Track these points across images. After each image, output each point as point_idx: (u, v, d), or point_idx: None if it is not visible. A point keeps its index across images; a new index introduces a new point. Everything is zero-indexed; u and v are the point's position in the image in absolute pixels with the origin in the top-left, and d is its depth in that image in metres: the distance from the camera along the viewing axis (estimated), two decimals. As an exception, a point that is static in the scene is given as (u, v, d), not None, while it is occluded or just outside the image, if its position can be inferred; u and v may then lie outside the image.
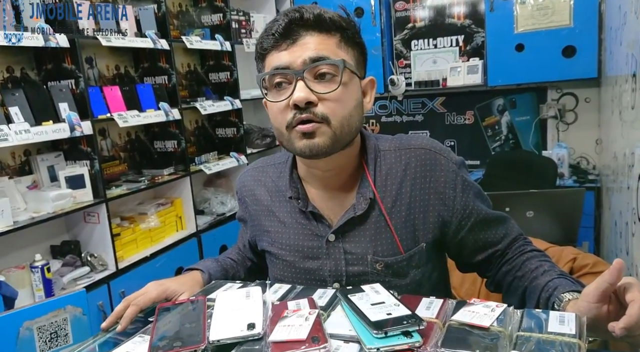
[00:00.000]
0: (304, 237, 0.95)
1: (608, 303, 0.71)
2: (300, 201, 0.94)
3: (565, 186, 2.90)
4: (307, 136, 0.83)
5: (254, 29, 3.26)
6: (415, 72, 3.46)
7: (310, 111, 0.82)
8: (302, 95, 0.81)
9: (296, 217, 0.95)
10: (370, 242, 0.91)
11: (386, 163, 0.93)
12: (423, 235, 0.92)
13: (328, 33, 0.84)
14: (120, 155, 2.65)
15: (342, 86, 0.83)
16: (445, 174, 0.92)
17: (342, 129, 0.84)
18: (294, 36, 0.83)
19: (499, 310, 0.71)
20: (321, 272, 0.94)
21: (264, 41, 0.85)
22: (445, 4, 3.34)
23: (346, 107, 0.85)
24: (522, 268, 0.90)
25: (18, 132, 1.82)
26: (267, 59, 0.86)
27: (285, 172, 0.98)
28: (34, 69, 2.21)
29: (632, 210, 1.61)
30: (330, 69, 0.83)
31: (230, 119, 3.12)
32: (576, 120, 3.20)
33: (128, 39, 2.33)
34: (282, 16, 0.84)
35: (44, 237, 2.21)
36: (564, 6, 2.85)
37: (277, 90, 0.85)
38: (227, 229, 2.90)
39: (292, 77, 0.82)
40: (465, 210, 0.92)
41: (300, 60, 0.82)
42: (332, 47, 0.84)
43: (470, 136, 3.49)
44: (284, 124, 0.85)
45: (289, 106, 0.83)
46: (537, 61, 2.94)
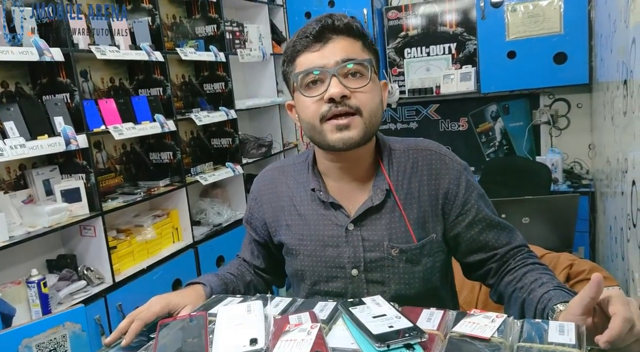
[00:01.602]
0: (324, 227, 1.01)
1: (593, 315, 0.72)
2: (322, 193, 1.01)
3: (560, 191, 2.92)
4: (341, 129, 0.92)
5: (248, 40, 3.28)
6: (409, 79, 3.49)
7: (345, 104, 0.91)
8: (338, 90, 0.90)
9: (317, 209, 1.03)
10: (386, 230, 0.98)
11: (397, 161, 1.02)
12: (433, 227, 0.99)
13: (354, 38, 0.95)
14: (116, 168, 2.64)
15: (371, 82, 0.94)
16: (450, 173, 1.00)
17: (370, 121, 0.94)
18: (325, 39, 0.93)
19: (499, 321, 0.71)
20: (340, 259, 1.00)
21: (296, 43, 0.95)
22: (437, 12, 3.37)
23: (374, 101, 0.95)
24: (522, 280, 0.93)
25: (13, 147, 1.81)
26: (299, 59, 0.95)
27: (306, 169, 1.06)
28: (29, 83, 2.20)
29: (627, 216, 1.63)
30: (359, 68, 0.93)
31: (225, 129, 3.13)
32: (569, 126, 3.23)
33: (123, 51, 2.33)
34: (315, 22, 0.94)
35: (39, 252, 2.19)
36: (554, 14, 2.89)
37: (310, 87, 0.94)
38: (223, 239, 2.89)
39: (326, 75, 0.92)
40: (465, 206, 0.99)
41: (333, 61, 0.91)
42: (358, 50, 0.95)
43: (465, 143, 3.52)
44: (317, 117, 0.93)
45: (323, 100, 0.91)
46: (528, 68, 2.98)
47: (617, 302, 0.69)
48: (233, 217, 3.04)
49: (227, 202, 3.15)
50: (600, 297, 0.70)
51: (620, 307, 0.68)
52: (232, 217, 3.03)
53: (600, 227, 2.64)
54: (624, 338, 0.65)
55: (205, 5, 3.03)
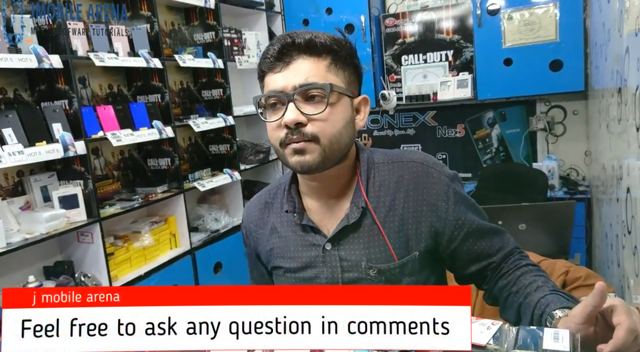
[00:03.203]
0: (302, 248, 1.00)
1: (595, 324, 0.72)
2: (297, 215, 0.99)
3: (556, 197, 2.93)
4: (298, 153, 0.89)
5: (246, 47, 3.30)
6: (406, 86, 3.51)
7: (300, 131, 0.88)
8: (292, 117, 0.87)
9: (295, 230, 1.01)
10: (364, 250, 0.95)
11: (380, 175, 0.98)
12: (416, 244, 0.96)
13: (319, 56, 0.90)
14: (114, 174, 2.65)
15: (330, 107, 0.88)
16: (437, 187, 0.95)
17: (331, 147, 0.89)
18: (286, 59, 0.89)
19: (494, 328, 0.72)
20: (318, 280, 0.98)
21: (262, 64, 0.93)
22: (434, 20, 3.40)
23: (335, 126, 0.90)
24: (516, 283, 0.92)
25: (11, 154, 1.82)
26: (266, 79, 0.93)
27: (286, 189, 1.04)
28: (27, 90, 2.21)
29: (622, 222, 1.63)
30: (319, 92, 0.88)
31: (223, 135, 3.14)
32: (565, 133, 3.24)
33: (121, 58, 2.35)
34: (276, 41, 0.91)
35: (37, 258, 2.19)
36: (550, 21, 2.92)
37: (273, 110, 0.91)
38: (221, 246, 2.89)
39: (284, 99, 0.88)
40: (458, 221, 0.95)
41: (291, 85, 0.88)
42: (322, 71, 0.90)
43: (462, 149, 3.53)
44: (277, 142, 0.91)
45: (282, 126, 0.88)
46: (525, 75, 3.00)
47: (621, 312, 0.69)
48: (231, 223, 3.04)
49: (225, 209, 3.15)
50: (603, 306, 0.71)
51: (624, 318, 0.68)
52: (230, 223, 3.04)
53: (596, 234, 2.64)
54: (627, 348, 0.66)
55: (204, 12, 3.05)
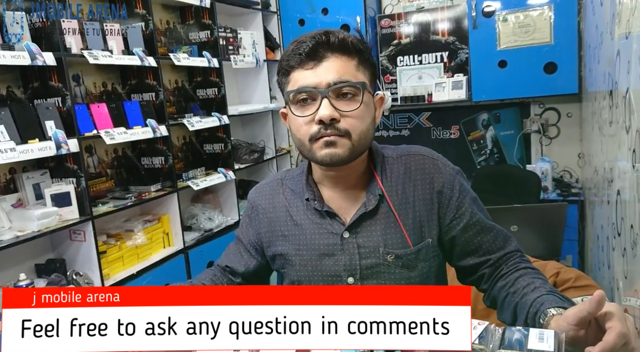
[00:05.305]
0: (320, 236, 1.02)
1: (587, 327, 0.74)
2: (317, 202, 1.02)
3: (550, 199, 2.95)
4: (329, 145, 0.92)
5: (242, 46, 3.29)
6: (401, 87, 3.52)
7: (334, 127, 0.91)
8: (328, 113, 0.90)
9: (312, 218, 1.03)
10: (381, 236, 0.99)
11: (390, 168, 1.03)
12: (428, 232, 1.00)
13: (349, 55, 0.93)
14: (107, 172, 2.63)
15: (363, 105, 0.93)
16: (443, 176, 1.02)
17: (359, 142, 0.94)
18: (319, 57, 0.92)
19: (480, 328, 0.73)
20: (336, 267, 1.01)
21: (290, 59, 0.94)
22: (429, 21, 3.41)
23: (364, 123, 0.94)
24: (515, 284, 0.94)
25: (3, 151, 1.80)
26: (292, 74, 0.94)
27: (302, 180, 1.07)
28: (20, 87, 2.20)
29: (612, 225, 1.65)
30: (352, 90, 0.92)
31: (218, 134, 3.13)
32: (559, 135, 3.27)
33: (115, 56, 2.33)
34: (309, 38, 0.93)
35: (28, 256, 2.18)
36: (545, 24, 2.94)
37: (302, 105, 0.94)
38: (214, 245, 2.88)
39: (317, 95, 0.91)
40: (459, 210, 1.00)
41: (325, 82, 0.91)
42: (352, 69, 0.93)
43: (456, 151, 3.55)
44: (307, 137, 0.93)
45: (314, 121, 0.92)
46: (519, 77, 3.02)
47: (615, 318, 0.70)
48: (224, 222, 3.03)
49: (219, 208, 3.14)
50: (599, 312, 0.72)
51: (617, 323, 0.70)
52: (224, 222, 3.03)
53: (588, 236, 2.67)
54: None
55: (199, 11, 3.04)
